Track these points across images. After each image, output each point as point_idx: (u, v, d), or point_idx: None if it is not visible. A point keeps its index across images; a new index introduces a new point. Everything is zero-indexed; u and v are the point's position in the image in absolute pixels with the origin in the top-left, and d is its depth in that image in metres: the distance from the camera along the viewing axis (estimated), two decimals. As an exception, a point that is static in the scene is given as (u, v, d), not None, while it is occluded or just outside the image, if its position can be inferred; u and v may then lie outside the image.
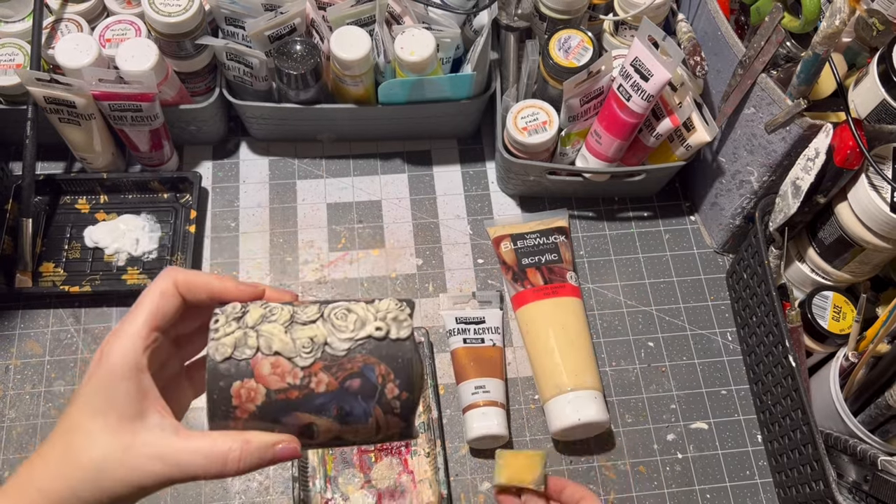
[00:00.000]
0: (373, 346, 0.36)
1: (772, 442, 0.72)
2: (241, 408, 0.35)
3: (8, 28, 0.76)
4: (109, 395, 0.34)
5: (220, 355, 0.35)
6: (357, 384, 0.36)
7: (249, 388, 0.35)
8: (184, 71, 0.77)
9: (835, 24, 0.56)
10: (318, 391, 0.36)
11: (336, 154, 0.87)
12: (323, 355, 0.36)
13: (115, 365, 0.34)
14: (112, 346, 0.35)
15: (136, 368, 0.35)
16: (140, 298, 0.36)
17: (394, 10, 0.76)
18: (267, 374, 0.35)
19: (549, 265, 0.77)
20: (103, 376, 0.34)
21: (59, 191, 0.81)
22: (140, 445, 0.34)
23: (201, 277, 0.37)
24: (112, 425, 0.34)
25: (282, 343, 0.36)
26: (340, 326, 0.37)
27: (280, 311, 0.37)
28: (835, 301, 0.70)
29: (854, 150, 0.61)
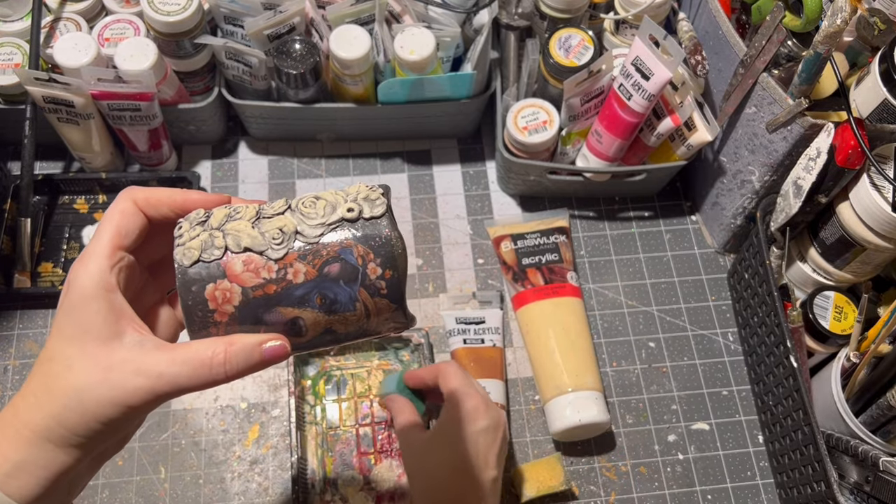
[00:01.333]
0: (346, 227, 0.35)
1: (773, 443, 0.72)
2: (219, 311, 0.34)
3: (6, 27, 0.76)
4: (81, 318, 0.33)
5: (188, 259, 0.34)
6: (336, 269, 0.34)
7: (224, 290, 0.34)
8: (183, 70, 0.76)
9: (836, 24, 0.56)
10: (297, 282, 0.34)
11: (335, 153, 0.87)
12: (295, 246, 0.34)
13: (82, 287, 0.33)
14: (77, 270, 0.34)
15: (104, 288, 0.34)
16: (101, 221, 0.35)
17: (393, 9, 0.75)
18: (240, 272, 0.34)
19: (550, 265, 0.77)
20: (73, 301, 0.34)
21: (58, 190, 0.80)
22: (119, 363, 0.33)
23: (162, 192, 0.36)
24: (89, 349, 0.33)
25: (250, 238, 0.34)
26: (310, 214, 0.35)
27: (245, 209, 0.35)
28: (836, 301, 0.69)
29: (855, 150, 0.60)
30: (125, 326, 0.34)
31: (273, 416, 0.72)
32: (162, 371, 0.33)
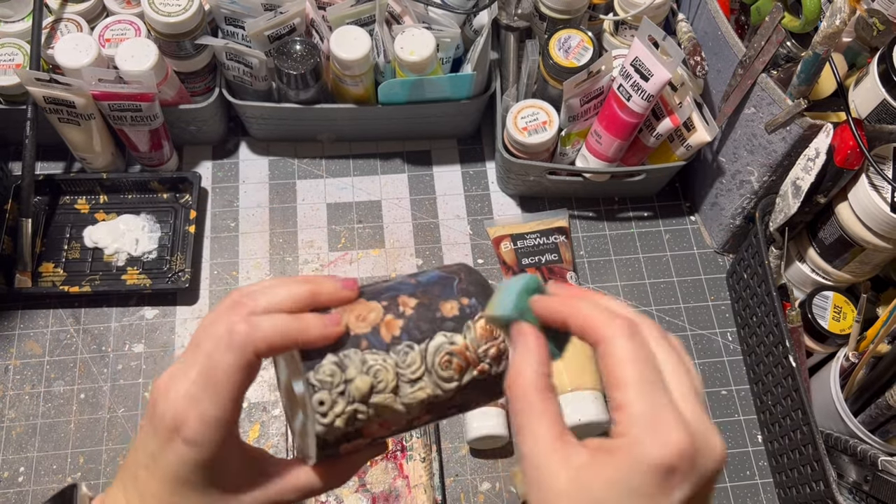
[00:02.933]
0: (475, 384, 0.37)
1: (772, 442, 0.72)
2: (345, 453, 0.36)
3: (7, 28, 0.76)
4: (210, 474, 0.33)
5: (333, 436, 0.34)
6: (455, 412, 0.38)
7: (357, 444, 0.36)
8: (183, 71, 0.77)
9: (835, 24, 0.56)
10: (418, 425, 0.37)
11: (336, 154, 0.87)
12: (429, 406, 0.36)
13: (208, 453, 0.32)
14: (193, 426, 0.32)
15: (237, 447, 0.34)
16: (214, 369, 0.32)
17: (394, 10, 0.76)
18: (375, 430, 0.36)
19: (550, 265, 0.77)
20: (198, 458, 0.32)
21: (59, 191, 0.80)
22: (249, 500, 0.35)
23: (284, 339, 0.33)
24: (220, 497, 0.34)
25: (394, 413, 0.35)
26: (446, 377, 0.36)
27: (385, 373, 0.34)
28: (835, 301, 0.70)
29: (854, 150, 0.61)
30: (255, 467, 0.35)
31: (273, 416, 0.72)
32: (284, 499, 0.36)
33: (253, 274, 0.80)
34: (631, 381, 0.29)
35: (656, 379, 0.29)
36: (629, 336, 0.30)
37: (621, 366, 0.29)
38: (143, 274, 0.77)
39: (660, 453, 0.27)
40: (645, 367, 0.29)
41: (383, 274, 0.80)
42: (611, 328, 0.30)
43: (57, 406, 0.72)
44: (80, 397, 0.73)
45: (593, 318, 0.31)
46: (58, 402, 0.72)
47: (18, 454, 0.70)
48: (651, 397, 0.28)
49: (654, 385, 0.29)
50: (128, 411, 0.72)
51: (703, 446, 0.28)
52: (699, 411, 0.29)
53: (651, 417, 0.28)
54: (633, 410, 0.28)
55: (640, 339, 0.30)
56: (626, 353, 0.29)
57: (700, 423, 0.29)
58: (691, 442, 0.28)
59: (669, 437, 0.27)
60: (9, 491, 0.68)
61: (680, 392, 0.29)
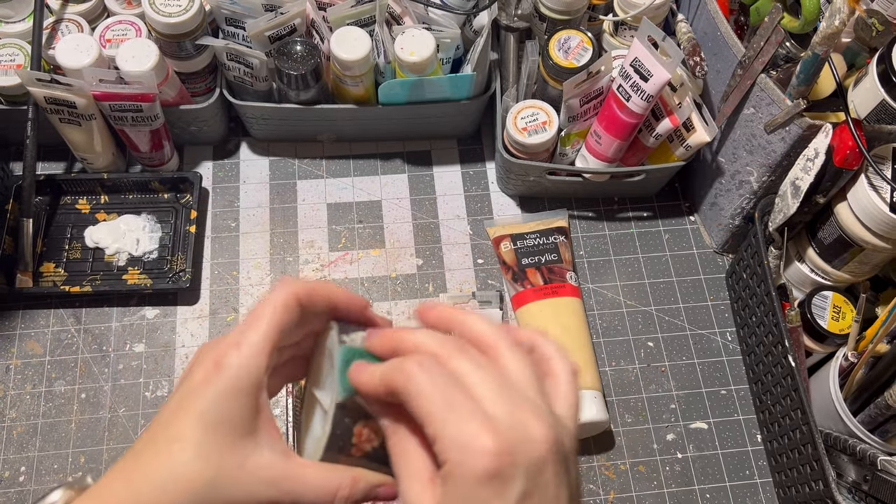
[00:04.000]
0: None
1: (771, 442, 0.72)
2: (358, 446, 0.35)
3: (8, 28, 0.76)
4: (227, 409, 0.32)
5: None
6: None
7: (372, 428, 0.35)
8: (184, 71, 0.77)
9: (834, 25, 0.56)
10: None
11: (336, 154, 0.87)
12: None
13: (237, 378, 0.32)
14: (231, 357, 0.33)
15: (257, 386, 0.33)
16: (260, 310, 0.34)
17: (394, 11, 0.76)
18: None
19: (549, 265, 0.77)
20: (223, 389, 0.32)
21: (60, 191, 0.81)
22: (253, 466, 0.33)
23: (322, 286, 0.35)
24: (226, 442, 0.32)
25: None
26: None
27: None
28: (834, 301, 0.70)
29: (853, 151, 0.61)
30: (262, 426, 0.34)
31: (274, 414, 0.72)
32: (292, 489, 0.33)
33: (253, 274, 0.80)
34: (433, 412, 0.29)
35: (460, 401, 0.29)
36: (418, 372, 0.30)
37: (420, 403, 0.29)
38: (143, 274, 0.77)
39: (478, 465, 0.28)
40: (445, 394, 0.29)
41: (383, 274, 0.80)
42: (403, 376, 0.30)
43: (58, 406, 0.72)
44: (81, 397, 0.73)
45: (389, 379, 0.31)
46: (59, 401, 0.72)
47: (19, 454, 0.70)
48: (455, 417, 0.29)
49: (454, 404, 0.29)
50: (129, 411, 0.72)
51: (517, 438, 0.28)
52: (509, 405, 0.29)
53: (459, 435, 0.28)
54: (443, 438, 0.29)
55: (437, 372, 0.30)
56: (419, 389, 0.30)
57: (510, 417, 0.29)
58: (502, 440, 0.28)
59: (480, 447, 0.28)
60: (10, 490, 0.68)
61: (488, 397, 0.29)
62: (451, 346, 0.31)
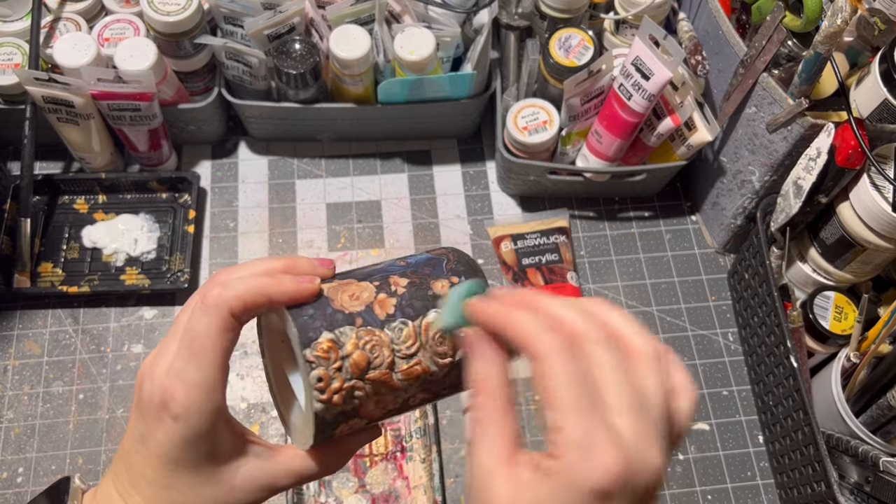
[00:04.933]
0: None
1: (773, 443, 0.72)
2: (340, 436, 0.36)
3: (6, 27, 0.76)
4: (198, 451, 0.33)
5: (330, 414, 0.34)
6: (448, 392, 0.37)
7: (353, 425, 0.36)
8: (182, 70, 0.76)
9: (836, 24, 0.56)
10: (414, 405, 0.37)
11: (335, 154, 0.87)
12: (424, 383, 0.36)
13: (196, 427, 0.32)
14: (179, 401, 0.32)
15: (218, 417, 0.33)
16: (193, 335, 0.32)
17: (393, 9, 0.75)
18: (371, 410, 0.35)
19: (550, 265, 0.77)
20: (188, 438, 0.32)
21: (58, 191, 0.80)
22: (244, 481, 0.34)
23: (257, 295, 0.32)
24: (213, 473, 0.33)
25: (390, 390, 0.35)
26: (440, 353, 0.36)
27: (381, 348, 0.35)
28: (836, 301, 0.69)
29: (856, 150, 0.60)
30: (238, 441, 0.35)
31: (273, 417, 0.72)
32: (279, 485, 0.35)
33: (252, 274, 0.79)
34: (565, 404, 0.28)
35: (592, 399, 0.28)
36: (564, 354, 0.28)
37: (555, 387, 0.28)
38: (141, 274, 0.77)
39: (593, 478, 0.27)
40: (580, 389, 0.28)
41: (383, 274, 0.80)
42: (545, 345, 0.29)
43: (56, 406, 0.72)
44: (79, 398, 0.72)
45: (527, 331, 0.29)
46: (57, 402, 0.72)
47: (17, 455, 0.70)
48: (585, 420, 0.27)
49: (588, 406, 0.28)
50: (127, 412, 0.72)
51: (638, 464, 0.27)
52: (637, 425, 0.28)
53: (584, 441, 0.27)
54: (567, 434, 0.28)
55: (576, 357, 0.29)
56: (560, 373, 0.28)
57: (636, 440, 0.28)
58: (625, 463, 0.27)
59: (602, 462, 0.27)
60: (7, 491, 0.68)
61: (619, 407, 0.28)
62: (596, 330, 0.30)
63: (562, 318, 0.30)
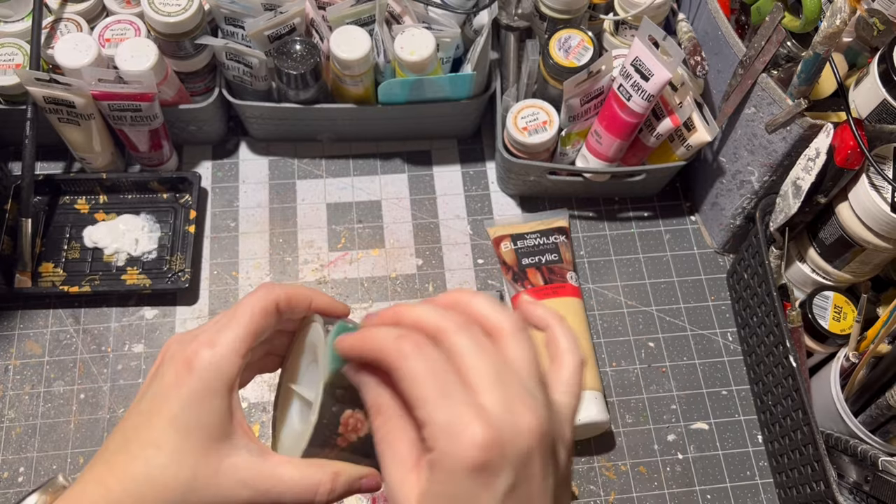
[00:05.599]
0: None
1: (772, 442, 0.72)
2: (344, 436, 0.34)
3: (7, 28, 0.76)
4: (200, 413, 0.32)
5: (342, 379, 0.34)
6: None
7: (358, 419, 0.34)
8: (183, 71, 0.77)
9: (835, 24, 0.56)
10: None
11: (336, 154, 0.87)
12: None
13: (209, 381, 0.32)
14: (203, 357, 0.33)
15: (228, 386, 0.33)
16: (237, 310, 0.34)
17: (394, 10, 0.76)
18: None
19: (550, 265, 0.77)
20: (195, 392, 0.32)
21: (59, 191, 0.80)
22: (229, 468, 0.32)
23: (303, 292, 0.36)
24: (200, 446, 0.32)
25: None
26: None
27: None
28: (835, 301, 0.70)
29: (855, 150, 0.61)
30: (236, 427, 0.33)
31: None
32: (267, 489, 0.33)
33: (253, 274, 0.79)
34: (427, 397, 0.28)
35: (454, 387, 0.28)
36: (418, 353, 0.29)
37: (415, 385, 0.29)
38: (142, 274, 0.77)
39: (465, 455, 0.27)
40: (439, 379, 0.29)
41: (383, 274, 0.80)
42: (396, 352, 0.29)
43: (57, 406, 0.72)
44: (80, 397, 0.73)
45: (382, 346, 0.30)
46: (57, 402, 0.72)
47: (18, 454, 0.70)
48: (448, 406, 0.28)
49: (451, 393, 0.28)
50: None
51: (507, 430, 0.28)
52: (504, 396, 0.28)
53: (449, 424, 0.28)
54: (433, 424, 0.28)
55: (431, 352, 0.29)
56: (416, 371, 0.29)
57: (504, 409, 0.28)
58: (493, 432, 0.27)
59: (470, 438, 0.27)
60: (8, 491, 0.68)
61: (483, 385, 0.29)
62: (453, 322, 0.30)
63: (419, 321, 0.31)
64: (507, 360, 0.30)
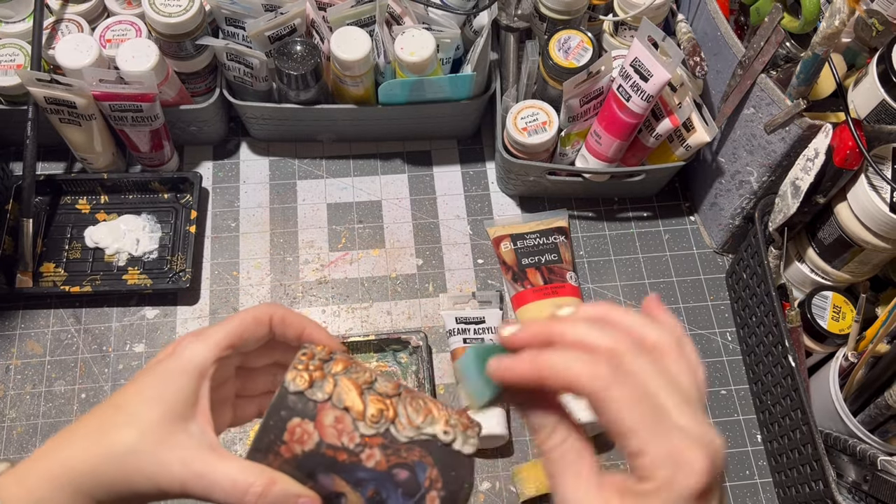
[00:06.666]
0: (435, 447, 0.35)
1: (771, 442, 0.72)
2: (288, 446, 0.35)
3: (8, 28, 0.76)
4: (165, 386, 0.34)
5: (295, 387, 0.35)
6: (404, 476, 0.35)
7: (305, 430, 0.34)
8: (184, 71, 0.77)
9: (834, 25, 0.56)
10: (366, 465, 0.35)
11: (336, 154, 0.87)
12: (385, 433, 0.35)
13: (183, 361, 0.35)
14: (186, 344, 0.35)
15: (200, 370, 0.35)
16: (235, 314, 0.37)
17: (394, 11, 0.76)
18: (327, 425, 0.35)
19: (549, 265, 0.77)
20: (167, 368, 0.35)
21: (60, 191, 0.81)
22: (174, 445, 0.34)
23: (298, 318, 0.38)
24: (155, 416, 0.34)
25: (354, 402, 0.35)
26: (412, 414, 0.36)
27: (363, 372, 0.36)
28: (834, 301, 0.70)
29: (853, 151, 0.61)
30: (197, 414, 0.35)
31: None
32: (203, 473, 0.33)
33: (253, 274, 0.80)
34: (637, 427, 0.28)
35: (655, 412, 0.29)
36: (617, 380, 0.29)
37: (621, 414, 0.29)
38: (143, 274, 0.77)
39: (693, 484, 0.28)
40: (643, 405, 0.29)
41: (383, 274, 0.80)
42: (595, 379, 0.29)
43: (58, 406, 0.72)
44: (81, 397, 0.73)
45: (569, 374, 0.30)
46: (59, 401, 0.72)
47: (19, 454, 0.70)
48: (661, 433, 0.28)
49: (657, 418, 0.28)
50: (128, 411, 0.72)
51: (713, 451, 0.29)
52: (693, 416, 0.29)
53: (669, 454, 0.28)
54: (650, 454, 0.28)
55: (627, 375, 0.29)
56: (619, 399, 0.29)
57: (700, 431, 0.29)
58: (708, 456, 0.28)
59: (693, 467, 0.28)
60: (10, 490, 0.68)
61: (676, 407, 0.29)
62: (624, 343, 0.30)
63: (587, 342, 0.31)
64: (678, 378, 0.31)
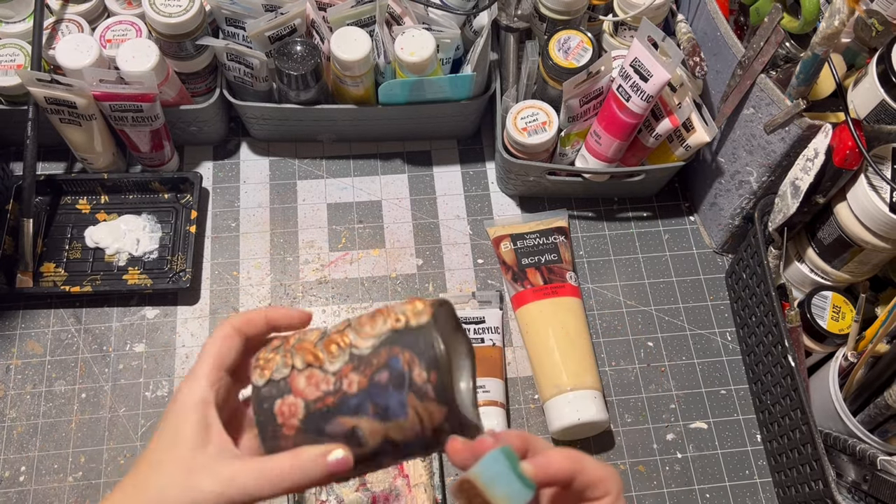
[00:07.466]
0: (394, 337, 0.36)
1: (771, 441, 0.72)
2: (287, 425, 0.36)
3: (8, 28, 0.76)
4: (177, 428, 0.38)
5: (262, 380, 0.37)
6: (385, 377, 0.36)
7: (290, 404, 0.36)
8: (184, 71, 0.77)
9: (834, 25, 0.56)
10: (352, 392, 0.36)
11: (336, 154, 0.87)
12: (351, 357, 0.36)
13: (183, 403, 0.38)
14: (182, 388, 0.39)
15: (202, 403, 0.38)
16: (204, 346, 0.40)
17: (394, 11, 0.76)
18: (303, 388, 0.36)
19: (549, 265, 0.77)
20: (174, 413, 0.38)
21: (60, 191, 0.81)
22: (199, 467, 0.37)
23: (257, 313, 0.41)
24: (178, 454, 0.37)
25: (312, 355, 0.37)
26: (364, 328, 0.37)
27: (313, 331, 0.39)
28: (834, 301, 0.70)
29: (853, 151, 0.61)
30: (212, 436, 0.38)
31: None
32: (232, 477, 0.36)
33: (253, 274, 0.80)
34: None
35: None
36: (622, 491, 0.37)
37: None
38: (143, 274, 0.78)
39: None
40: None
41: (383, 274, 0.80)
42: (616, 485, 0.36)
43: (58, 406, 0.72)
44: (82, 397, 0.73)
45: (600, 472, 0.36)
46: (59, 401, 0.73)
47: (19, 454, 0.70)
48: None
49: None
50: (129, 411, 0.72)
51: None
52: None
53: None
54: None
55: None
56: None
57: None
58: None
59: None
60: (10, 490, 0.68)
61: None
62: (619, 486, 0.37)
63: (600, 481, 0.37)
64: None
